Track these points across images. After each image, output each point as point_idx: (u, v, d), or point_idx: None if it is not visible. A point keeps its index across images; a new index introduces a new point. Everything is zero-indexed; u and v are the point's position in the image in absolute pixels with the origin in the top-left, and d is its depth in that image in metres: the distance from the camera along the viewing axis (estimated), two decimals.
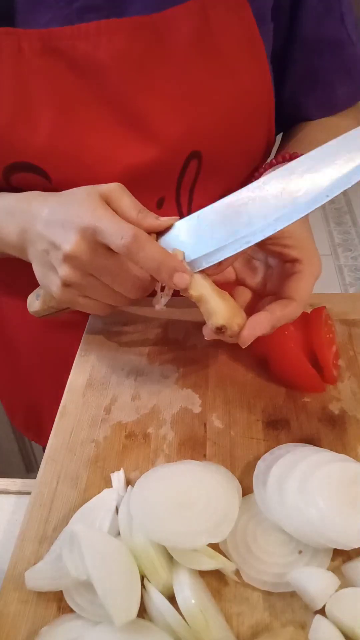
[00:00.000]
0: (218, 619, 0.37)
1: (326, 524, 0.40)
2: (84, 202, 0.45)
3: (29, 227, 0.49)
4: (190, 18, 0.52)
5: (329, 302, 0.62)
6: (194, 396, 0.55)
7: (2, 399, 0.90)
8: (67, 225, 0.45)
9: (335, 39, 0.62)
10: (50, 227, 0.47)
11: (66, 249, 0.45)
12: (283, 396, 0.55)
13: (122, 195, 0.46)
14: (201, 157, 0.58)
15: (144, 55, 0.52)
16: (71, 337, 0.65)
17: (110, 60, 0.51)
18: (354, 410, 0.53)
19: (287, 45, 0.62)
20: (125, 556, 0.39)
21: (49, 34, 0.50)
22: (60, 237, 0.45)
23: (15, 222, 0.51)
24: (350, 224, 2.88)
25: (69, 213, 0.45)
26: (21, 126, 0.53)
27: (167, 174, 0.58)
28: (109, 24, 0.51)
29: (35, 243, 0.49)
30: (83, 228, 0.44)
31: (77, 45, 0.51)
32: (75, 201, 0.46)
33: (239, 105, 0.56)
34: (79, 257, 0.45)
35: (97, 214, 0.44)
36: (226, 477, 0.46)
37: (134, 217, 0.45)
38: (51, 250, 0.47)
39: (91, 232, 0.44)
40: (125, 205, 0.45)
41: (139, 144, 0.55)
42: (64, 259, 0.46)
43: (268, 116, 0.61)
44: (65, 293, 0.49)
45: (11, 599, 0.40)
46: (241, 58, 0.55)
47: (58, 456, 0.50)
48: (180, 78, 0.54)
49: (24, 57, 0.51)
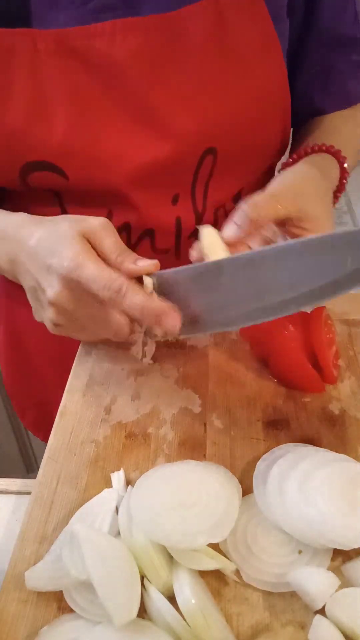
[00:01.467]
0: (218, 619, 0.37)
1: (326, 524, 0.40)
2: (66, 241, 0.45)
3: (16, 257, 0.50)
4: (205, 16, 0.52)
5: (329, 302, 0.61)
6: (194, 396, 0.55)
7: (13, 399, 0.91)
8: (51, 270, 0.45)
9: (351, 35, 0.63)
10: (35, 265, 0.47)
11: (50, 296, 0.46)
12: (283, 396, 0.55)
13: (105, 235, 0.46)
14: (216, 153, 0.58)
15: (159, 53, 0.52)
16: None
17: (125, 58, 0.52)
18: (354, 410, 0.53)
19: (301, 41, 0.62)
20: (125, 556, 0.39)
21: (65, 34, 0.51)
22: (45, 281, 0.46)
23: (5, 248, 0.51)
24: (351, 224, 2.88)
25: (53, 254, 0.45)
26: (37, 125, 0.53)
27: (182, 171, 0.59)
28: (124, 23, 0.51)
29: (24, 277, 0.50)
30: (66, 278, 0.44)
31: (93, 45, 0.51)
32: (59, 239, 0.46)
33: (255, 102, 0.57)
34: (62, 305, 0.46)
35: (79, 261, 0.44)
36: (226, 477, 0.46)
37: (113, 260, 0.45)
38: (38, 290, 0.48)
39: (75, 282, 0.44)
40: (106, 246, 0.45)
41: (154, 141, 0.55)
42: (49, 304, 0.47)
43: (283, 113, 0.61)
44: (57, 330, 0.50)
45: (11, 599, 0.40)
46: (256, 55, 0.55)
47: (58, 456, 0.50)
48: (195, 75, 0.54)
49: (40, 57, 0.52)
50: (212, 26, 0.52)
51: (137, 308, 0.44)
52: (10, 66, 0.52)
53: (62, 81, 0.53)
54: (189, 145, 0.56)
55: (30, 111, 0.53)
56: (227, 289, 0.44)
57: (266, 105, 0.58)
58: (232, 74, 0.55)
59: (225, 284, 0.44)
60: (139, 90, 0.54)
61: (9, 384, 0.88)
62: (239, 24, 0.53)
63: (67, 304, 0.46)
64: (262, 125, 0.59)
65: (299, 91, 0.65)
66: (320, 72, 0.65)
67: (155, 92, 0.54)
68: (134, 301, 0.43)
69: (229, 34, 0.53)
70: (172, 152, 0.56)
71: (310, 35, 0.62)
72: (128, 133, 0.55)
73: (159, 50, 0.52)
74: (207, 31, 0.52)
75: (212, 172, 0.60)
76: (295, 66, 0.64)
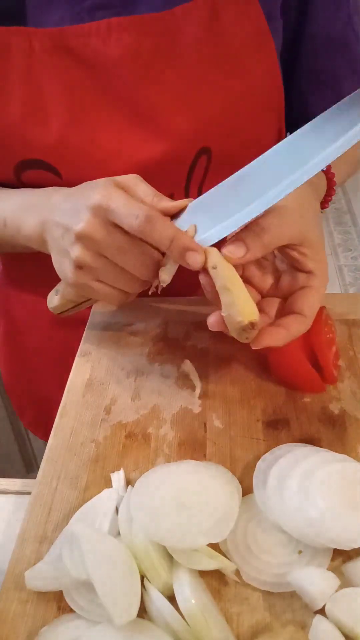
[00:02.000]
0: (218, 619, 0.37)
1: (326, 524, 0.40)
2: (98, 186, 0.45)
3: (47, 218, 0.50)
4: (200, 15, 0.52)
5: (329, 302, 0.62)
6: (194, 396, 0.55)
7: (12, 397, 0.91)
8: (79, 206, 0.45)
9: (344, 37, 0.63)
10: (64, 213, 0.47)
11: (78, 229, 0.45)
12: (283, 396, 0.55)
13: (137, 183, 0.46)
14: (211, 153, 0.58)
15: (154, 51, 0.53)
16: (80, 334, 0.65)
17: (120, 56, 0.52)
18: (354, 410, 0.53)
19: (295, 43, 0.62)
20: (125, 556, 0.39)
21: (60, 32, 0.51)
22: (72, 218, 0.46)
23: (36, 215, 0.52)
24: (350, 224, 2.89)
25: (83, 195, 0.46)
26: (32, 123, 0.54)
27: (176, 170, 0.59)
28: (119, 21, 0.51)
29: (52, 231, 0.49)
30: (95, 206, 0.44)
31: (88, 43, 0.52)
32: (90, 187, 0.46)
33: (249, 101, 0.57)
34: (91, 236, 0.45)
35: (109, 193, 0.44)
36: (226, 477, 0.46)
37: (149, 202, 0.45)
38: (64, 233, 0.47)
39: (104, 211, 0.44)
40: (141, 191, 0.46)
41: (148, 140, 0.55)
42: (76, 239, 0.46)
43: (278, 113, 0.61)
44: (79, 276, 0.48)
45: (11, 599, 0.40)
46: (250, 54, 0.55)
47: (58, 456, 0.50)
48: (189, 74, 0.54)
49: (35, 56, 0.52)
50: (206, 25, 0.53)
51: (167, 239, 0.44)
52: (5, 65, 0.52)
53: (57, 79, 0.53)
54: (183, 145, 0.57)
55: (26, 110, 0.53)
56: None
57: (260, 104, 0.58)
58: (226, 73, 0.55)
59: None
60: (133, 89, 0.54)
61: (8, 382, 0.88)
62: (232, 23, 0.53)
63: (96, 232, 0.45)
64: (257, 125, 0.59)
65: (295, 96, 0.65)
66: (315, 75, 0.64)
67: (149, 90, 0.54)
68: (164, 232, 0.44)
69: (222, 32, 0.53)
70: (166, 151, 0.56)
71: (303, 36, 0.62)
72: (122, 132, 0.55)
73: (154, 49, 0.52)
74: (201, 30, 0.53)
75: (207, 172, 0.60)
76: (291, 70, 0.64)
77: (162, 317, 0.66)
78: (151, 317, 0.66)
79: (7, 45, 0.51)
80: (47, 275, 0.54)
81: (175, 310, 0.66)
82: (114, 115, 0.55)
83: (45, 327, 0.75)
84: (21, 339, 0.79)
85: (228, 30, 0.53)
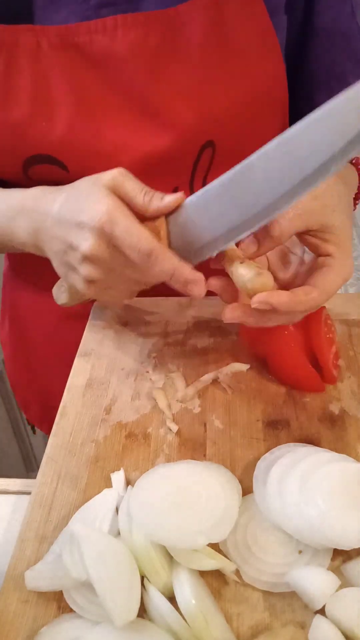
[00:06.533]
0: (218, 619, 0.37)
1: (326, 524, 0.40)
2: (94, 197, 0.45)
3: (40, 226, 0.49)
4: (204, 11, 0.53)
5: (329, 302, 0.61)
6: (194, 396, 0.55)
7: (16, 392, 0.91)
8: (83, 225, 0.45)
9: (348, 31, 0.63)
10: (63, 227, 0.47)
11: (84, 250, 0.45)
12: (283, 396, 0.55)
13: (124, 180, 0.46)
14: (215, 146, 0.59)
15: (159, 47, 0.53)
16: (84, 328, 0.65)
17: (126, 53, 0.53)
18: (354, 410, 0.53)
19: (302, 39, 0.62)
20: (125, 556, 0.39)
21: (67, 29, 0.52)
22: (76, 237, 0.45)
23: (26, 221, 0.51)
24: None
25: (81, 210, 0.45)
26: (40, 119, 0.54)
27: (181, 163, 0.59)
28: (125, 18, 0.52)
29: (51, 243, 0.49)
30: (99, 230, 0.44)
31: (94, 40, 0.53)
32: (86, 197, 0.46)
33: (253, 96, 0.57)
34: (98, 257, 0.45)
35: (111, 217, 0.44)
36: (226, 477, 0.46)
37: (141, 203, 0.45)
38: (69, 250, 0.47)
39: (107, 235, 0.44)
40: (130, 190, 0.45)
41: (153, 134, 0.56)
42: (84, 259, 0.46)
43: (282, 107, 0.62)
44: (91, 289, 0.49)
45: (11, 599, 0.40)
46: (255, 50, 0.56)
47: (58, 456, 0.50)
48: (194, 70, 0.55)
49: (43, 53, 0.53)
50: (211, 21, 0.53)
51: (167, 274, 0.45)
52: (13, 62, 0.53)
53: (64, 76, 0.54)
54: (188, 138, 0.57)
55: (33, 106, 0.54)
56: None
57: (264, 99, 0.58)
58: (230, 68, 0.55)
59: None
60: (139, 84, 0.55)
61: (13, 376, 0.89)
62: (237, 19, 0.54)
63: (103, 253, 0.45)
64: (261, 118, 0.60)
65: (301, 92, 0.65)
66: (321, 70, 0.65)
67: (155, 86, 0.55)
68: (165, 267, 0.44)
69: (227, 28, 0.54)
70: (171, 144, 0.56)
71: (310, 31, 0.62)
72: (128, 126, 0.56)
73: (159, 45, 0.53)
74: (206, 26, 0.53)
75: (211, 165, 0.60)
76: (297, 66, 0.64)
77: (162, 317, 0.66)
78: (151, 317, 0.66)
79: (15, 43, 0.53)
80: (52, 270, 0.54)
81: (175, 310, 0.66)
82: (120, 110, 0.55)
83: (49, 323, 0.76)
84: (26, 334, 0.80)
85: (232, 27, 0.54)
